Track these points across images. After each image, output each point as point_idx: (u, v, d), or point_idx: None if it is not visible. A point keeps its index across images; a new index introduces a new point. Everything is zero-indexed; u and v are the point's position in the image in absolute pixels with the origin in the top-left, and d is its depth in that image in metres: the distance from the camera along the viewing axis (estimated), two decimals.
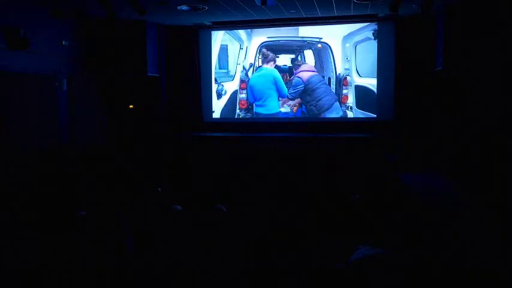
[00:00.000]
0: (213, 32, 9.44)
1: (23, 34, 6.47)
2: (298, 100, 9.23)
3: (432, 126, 8.11)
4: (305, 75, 9.15)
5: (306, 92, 9.15)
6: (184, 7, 7.28)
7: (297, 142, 8.54)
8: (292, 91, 9.19)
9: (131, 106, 8.99)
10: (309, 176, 4.88)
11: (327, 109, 9.09)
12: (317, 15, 8.18)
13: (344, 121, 9.03)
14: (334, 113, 9.08)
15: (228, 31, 9.39)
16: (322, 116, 9.13)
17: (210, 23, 9.02)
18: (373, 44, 8.77)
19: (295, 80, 9.17)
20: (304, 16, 8.22)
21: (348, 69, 8.94)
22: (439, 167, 7.07)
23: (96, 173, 5.19)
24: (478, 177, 6.16)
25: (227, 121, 9.58)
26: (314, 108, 9.16)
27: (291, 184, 4.52)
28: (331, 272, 2.09)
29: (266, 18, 8.43)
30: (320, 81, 9.11)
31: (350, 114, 9.02)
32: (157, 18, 8.44)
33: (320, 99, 9.10)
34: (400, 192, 4.20)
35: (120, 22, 8.16)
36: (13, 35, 6.42)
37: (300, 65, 9.19)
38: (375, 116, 8.92)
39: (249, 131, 9.19)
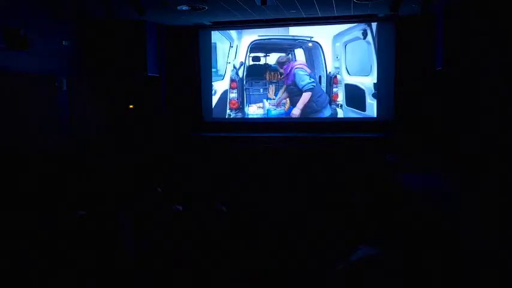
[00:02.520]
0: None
1: (23, 34, 6.47)
2: (285, 95, 9.19)
3: (432, 126, 8.11)
4: (307, 70, 9.15)
5: None
6: (184, 7, 7.28)
7: (297, 142, 8.54)
8: (309, 82, 9.07)
9: (131, 106, 8.99)
10: (309, 176, 4.88)
11: (326, 106, 9.12)
12: (317, 15, 8.18)
13: (344, 121, 9.03)
14: (327, 110, 9.13)
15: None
16: (320, 114, 9.14)
17: (210, 23, 9.01)
18: (363, 44, 8.82)
19: (300, 72, 9.04)
20: (304, 16, 8.22)
21: (338, 67, 8.98)
22: (439, 167, 7.07)
23: (96, 172, 5.19)
24: (478, 177, 6.16)
25: (227, 121, 9.57)
26: (315, 104, 9.14)
27: (291, 184, 4.53)
28: (331, 272, 2.09)
29: (266, 18, 8.42)
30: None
31: (340, 112, 9.07)
32: (157, 18, 8.44)
33: (320, 95, 9.12)
34: (400, 192, 4.20)
35: (120, 22, 8.16)
36: (13, 35, 6.42)
37: (290, 60, 9.15)
38: (364, 113, 8.96)
39: (249, 130, 9.19)
